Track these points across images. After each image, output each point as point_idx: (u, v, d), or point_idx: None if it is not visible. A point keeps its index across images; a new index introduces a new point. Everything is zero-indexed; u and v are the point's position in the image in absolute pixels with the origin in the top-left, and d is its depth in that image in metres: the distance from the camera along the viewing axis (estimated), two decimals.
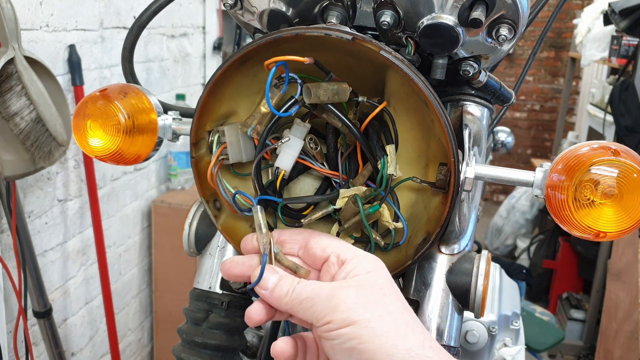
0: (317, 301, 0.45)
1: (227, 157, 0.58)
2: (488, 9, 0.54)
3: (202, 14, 2.45)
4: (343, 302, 0.44)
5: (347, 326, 0.43)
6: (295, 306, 0.46)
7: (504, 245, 4.09)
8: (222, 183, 0.59)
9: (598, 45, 3.03)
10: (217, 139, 0.58)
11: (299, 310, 0.46)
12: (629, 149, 0.52)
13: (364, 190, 0.57)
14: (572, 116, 5.03)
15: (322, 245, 0.50)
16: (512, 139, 1.61)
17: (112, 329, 1.86)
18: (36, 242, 1.55)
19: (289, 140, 0.56)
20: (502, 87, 0.66)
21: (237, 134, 0.58)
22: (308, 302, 0.45)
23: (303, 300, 0.46)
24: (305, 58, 0.50)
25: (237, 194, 0.57)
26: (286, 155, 0.57)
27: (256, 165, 0.56)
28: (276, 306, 0.48)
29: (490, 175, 0.57)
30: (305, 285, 0.47)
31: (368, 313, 0.43)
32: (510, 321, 0.96)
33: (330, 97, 0.53)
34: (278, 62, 0.50)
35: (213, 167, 0.57)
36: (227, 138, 0.57)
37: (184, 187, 2.26)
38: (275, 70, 0.50)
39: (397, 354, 0.42)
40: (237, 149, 0.58)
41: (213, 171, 0.57)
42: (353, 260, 0.48)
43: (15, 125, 1.26)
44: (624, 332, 2.35)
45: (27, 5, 1.40)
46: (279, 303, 0.47)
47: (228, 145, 0.57)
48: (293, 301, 0.46)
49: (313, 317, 0.45)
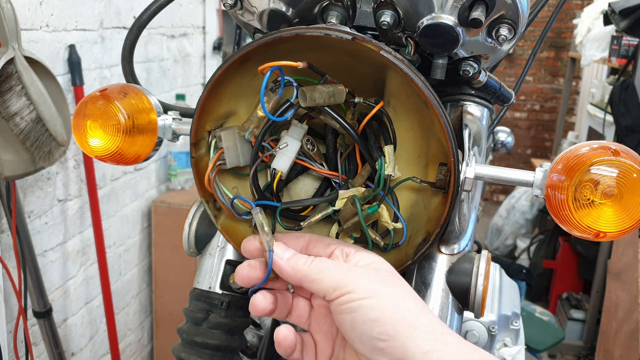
0: (337, 272, 0.45)
1: (225, 162, 0.58)
2: (488, 9, 0.54)
3: (202, 14, 2.45)
4: (364, 276, 0.44)
5: (370, 297, 0.43)
6: (311, 274, 0.46)
7: (504, 245, 4.09)
8: (219, 188, 0.59)
9: (598, 45, 3.03)
10: (214, 145, 0.58)
11: (316, 279, 0.45)
12: (628, 149, 0.52)
13: (363, 191, 0.57)
14: (572, 116, 5.04)
15: (325, 242, 0.51)
16: (512, 139, 1.61)
17: (112, 329, 1.87)
18: (36, 242, 1.55)
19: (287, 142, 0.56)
20: (502, 87, 0.66)
21: (234, 139, 0.58)
22: (327, 271, 0.45)
23: (322, 270, 0.46)
24: (299, 62, 0.50)
25: (236, 199, 0.58)
26: (283, 157, 0.57)
27: (253, 172, 0.56)
28: (290, 275, 0.47)
29: (490, 175, 0.57)
30: (322, 260, 0.47)
31: (390, 288, 0.44)
32: (510, 321, 0.96)
33: (326, 99, 0.53)
34: (272, 67, 0.50)
35: (210, 172, 0.57)
36: (224, 143, 0.57)
37: (184, 187, 2.26)
38: (270, 74, 0.50)
39: (420, 326, 0.42)
40: (235, 153, 0.58)
41: (210, 177, 0.58)
42: (358, 253, 0.49)
43: (15, 125, 1.26)
44: (624, 332, 2.35)
45: (27, 5, 1.40)
46: (294, 271, 0.47)
47: (225, 151, 0.58)
48: (310, 269, 0.46)
49: (331, 285, 0.44)
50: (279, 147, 0.56)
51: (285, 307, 0.51)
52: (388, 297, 0.43)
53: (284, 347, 0.48)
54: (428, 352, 0.41)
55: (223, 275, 0.66)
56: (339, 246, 0.50)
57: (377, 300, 0.43)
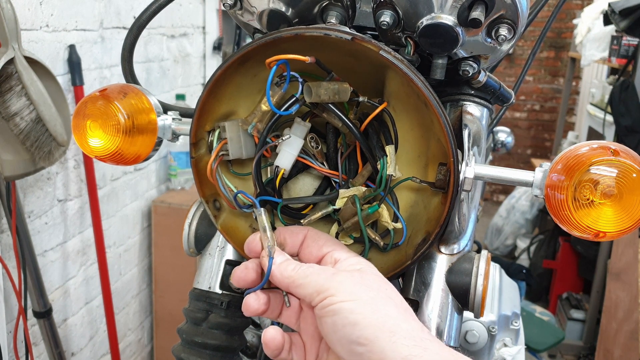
0: (322, 277, 0.46)
1: (228, 153, 0.58)
2: (487, 9, 0.54)
3: (202, 14, 2.45)
4: (347, 280, 0.45)
5: (351, 301, 0.43)
6: (298, 279, 0.47)
7: (504, 245, 4.09)
8: (221, 179, 0.59)
9: (598, 45, 3.03)
10: (218, 135, 0.58)
11: (302, 284, 0.47)
12: (628, 149, 0.52)
13: (363, 191, 0.57)
14: (572, 116, 5.04)
15: (319, 243, 0.52)
16: (512, 139, 1.61)
17: (112, 329, 1.87)
18: (36, 242, 1.55)
19: (290, 138, 0.56)
20: (502, 87, 0.66)
21: (237, 130, 0.58)
22: (312, 276, 0.46)
23: (308, 275, 0.47)
24: (307, 57, 0.50)
25: (239, 194, 0.57)
26: (286, 154, 0.57)
27: (256, 163, 0.56)
28: (279, 280, 0.49)
29: (489, 175, 0.57)
30: (309, 266, 0.48)
31: (372, 292, 0.44)
32: (510, 321, 0.96)
33: (331, 96, 0.53)
34: (279, 61, 0.50)
35: (213, 162, 0.57)
36: (228, 134, 0.57)
37: (184, 187, 2.26)
38: (276, 68, 0.50)
39: (399, 332, 0.42)
40: (238, 144, 0.58)
41: (213, 167, 0.57)
42: (347, 260, 0.50)
43: (15, 125, 1.26)
44: (624, 332, 2.35)
45: (27, 5, 1.40)
46: (282, 277, 0.48)
47: (229, 141, 0.57)
48: (297, 274, 0.47)
49: (315, 289, 0.45)
50: (282, 138, 0.56)
51: (277, 308, 0.52)
52: (369, 302, 0.44)
53: (272, 348, 0.49)
54: (406, 357, 0.40)
55: (223, 276, 0.66)
56: (331, 251, 0.51)
57: (358, 303, 0.43)
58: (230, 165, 0.61)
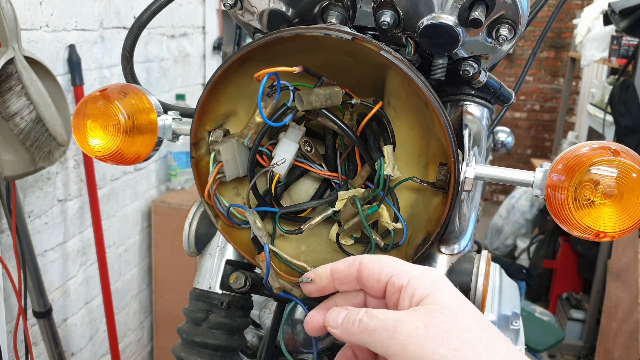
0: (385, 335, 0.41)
1: (224, 175, 0.59)
2: (488, 9, 0.54)
3: (202, 14, 2.45)
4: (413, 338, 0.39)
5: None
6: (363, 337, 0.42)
7: (504, 245, 4.09)
8: (220, 201, 0.59)
9: (598, 45, 3.03)
10: (213, 158, 0.58)
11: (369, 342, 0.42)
12: (628, 149, 0.52)
13: (363, 192, 0.57)
14: (572, 116, 5.04)
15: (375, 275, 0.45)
16: (512, 139, 1.61)
17: (112, 329, 1.86)
18: (36, 242, 1.55)
19: (284, 144, 0.57)
20: (502, 87, 0.66)
21: (232, 151, 0.58)
22: (376, 334, 0.41)
23: (371, 332, 0.42)
24: (294, 68, 0.50)
25: (231, 207, 0.58)
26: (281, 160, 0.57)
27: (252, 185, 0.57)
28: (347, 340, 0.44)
29: (490, 175, 0.57)
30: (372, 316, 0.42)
31: (442, 348, 0.38)
32: (510, 321, 0.96)
33: (322, 102, 0.53)
34: (268, 74, 0.49)
35: (210, 187, 0.58)
36: (223, 157, 0.58)
37: (184, 187, 2.26)
38: (266, 79, 0.50)
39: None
40: (234, 165, 0.59)
41: (210, 191, 0.58)
42: (410, 284, 0.43)
43: (15, 125, 1.26)
44: (624, 332, 2.35)
45: (27, 5, 1.40)
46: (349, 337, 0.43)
47: (224, 164, 0.58)
48: (362, 333, 0.42)
49: (383, 351, 0.41)
50: (275, 162, 0.57)
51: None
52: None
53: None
54: None
55: (223, 275, 0.66)
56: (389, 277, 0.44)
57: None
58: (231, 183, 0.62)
